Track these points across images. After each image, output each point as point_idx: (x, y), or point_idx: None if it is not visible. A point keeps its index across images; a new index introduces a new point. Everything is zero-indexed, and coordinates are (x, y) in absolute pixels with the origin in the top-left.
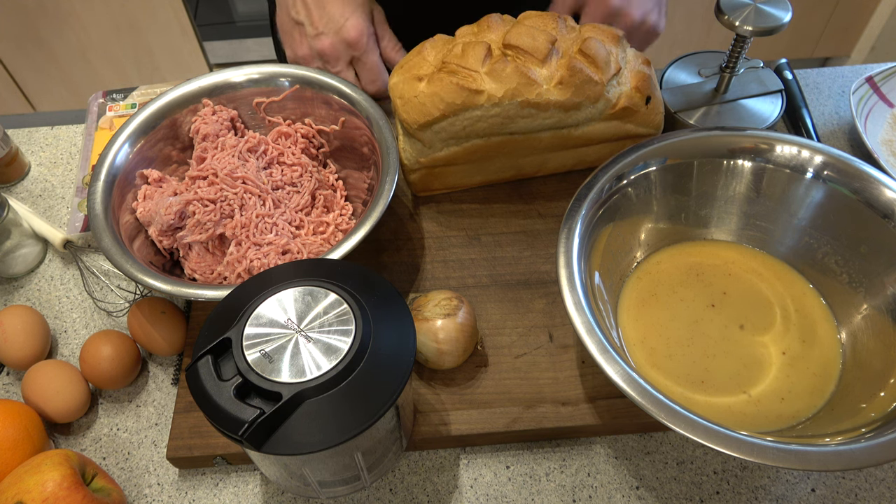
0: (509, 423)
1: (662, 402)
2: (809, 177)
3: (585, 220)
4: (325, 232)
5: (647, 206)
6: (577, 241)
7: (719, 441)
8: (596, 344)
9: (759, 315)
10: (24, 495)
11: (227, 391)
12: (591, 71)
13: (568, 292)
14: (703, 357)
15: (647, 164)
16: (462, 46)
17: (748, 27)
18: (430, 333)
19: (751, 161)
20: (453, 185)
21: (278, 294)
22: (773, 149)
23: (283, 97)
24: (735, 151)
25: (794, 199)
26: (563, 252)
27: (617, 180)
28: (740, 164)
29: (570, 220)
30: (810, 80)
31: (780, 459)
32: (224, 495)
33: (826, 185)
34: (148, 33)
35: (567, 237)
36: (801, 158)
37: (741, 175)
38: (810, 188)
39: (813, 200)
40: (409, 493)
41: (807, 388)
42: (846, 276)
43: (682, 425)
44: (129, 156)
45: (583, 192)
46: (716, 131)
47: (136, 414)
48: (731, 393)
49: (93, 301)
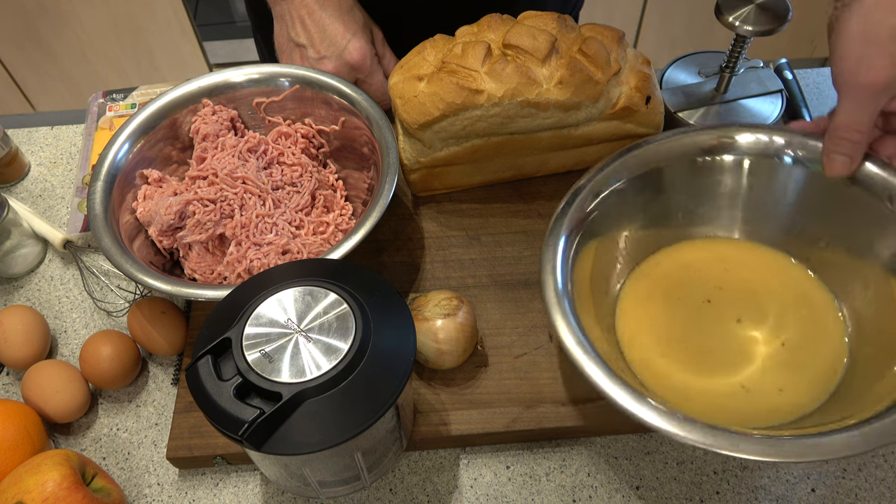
0: (509, 423)
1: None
2: (788, 161)
3: (569, 238)
4: (325, 232)
5: (630, 216)
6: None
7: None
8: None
9: (755, 307)
10: (24, 495)
11: (227, 391)
12: (592, 70)
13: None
14: (700, 353)
15: (621, 177)
16: (462, 46)
17: (748, 27)
18: (430, 333)
19: (724, 155)
20: (453, 185)
21: (278, 294)
22: (735, 140)
23: (283, 97)
24: (705, 150)
25: (777, 186)
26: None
27: (594, 197)
28: (717, 159)
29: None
30: (810, 80)
31: (781, 454)
32: (224, 495)
33: (805, 168)
34: (148, 33)
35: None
36: (766, 144)
37: (719, 170)
38: (791, 172)
39: (796, 184)
40: (409, 493)
41: (811, 378)
42: (839, 252)
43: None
44: (129, 156)
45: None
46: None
47: (136, 414)
48: (730, 387)
49: (93, 301)
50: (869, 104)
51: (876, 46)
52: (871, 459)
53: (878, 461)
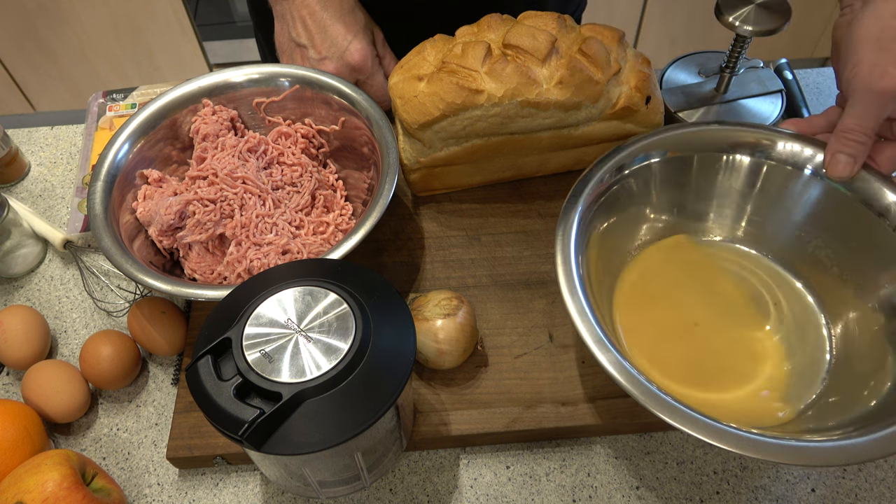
0: (509, 423)
1: (665, 401)
2: (808, 174)
3: (581, 214)
4: (325, 232)
5: (645, 198)
6: (574, 236)
7: (722, 438)
8: (597, 343)
9: (749, 311)
10: (24, 495)
11: (227, 391)
12: (591, 70)
13: (567, 291)
14: (694, 352)
15: (648, 156)
16: (462, 46)
17: (748, 27)
18: (430, 333)
19: (749, 156)
20: (453, 185)
21: (278, 294)
22: (775, 145)
23: (283, 97)
24: (736, 146)
25: (791, 196)
26: (560, 248)
27: (617, 171)
28: (739, 158)
29: (567, 213)
30: (810, 80)
31: (783, 456)
32: (224, 495)
33: (823, 183)
34: (148, 33)
35: (564, 232)
36: (802, 155)
37: (739, 170)
38: (808, 185)
39: (810, 198)
40: (409, 493)
41: (795, 385)
42: (838, 271)
43: (687, 423)
44: (129, 156)
45: (579, 187)
46: (715, 125)
47: (136, 414)
48: (721, 389)
49: (93, 301)
50: (879, 110)
51: (890, 54)
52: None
53: (878, 461)
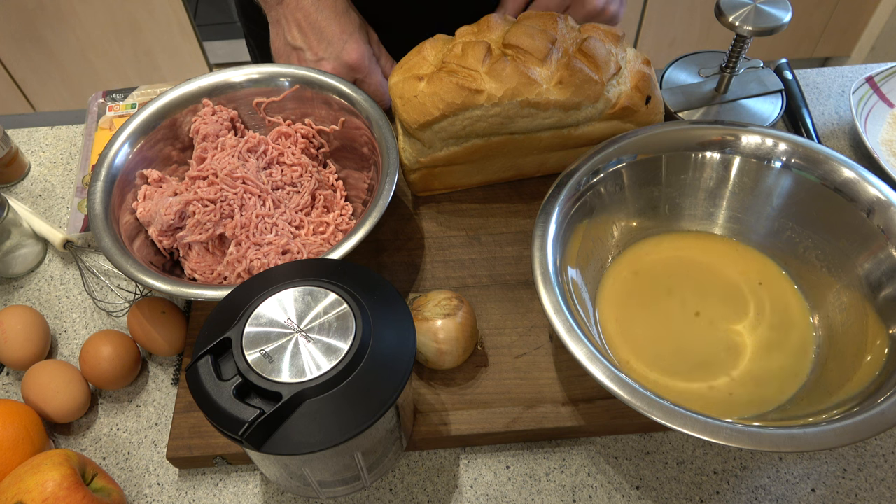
0: (509, 423)
1: (655, 401)
2: (777, 165)
3: (560, 217)
4: (325, 232)
5: (621, 200)
6: (551, 238)
7: (712, 433)
8: (581, 348)
9: (733, 303)
10: (24, 495)
11: (227, 391)
12: (591, 70)
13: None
14: (678, 346)
15: (620, 160)
16: (462, 46)
17: (748, 27)
18: (430, 333)
19: (720, 153)
20: (453, 185)
21: (278, 294)
22: (739, 139)
23: (283, 97)
24: (704, 144)
25: (765, 188)
26: (538, 250)
27: (592, 175)
28: (710, 156)
29: (544, 217)
30: (810, 80)
31: (780, 444)
32: (224, 495)
33: (793, 173)
34: (148, 33)
35: (542, 234)
36: (767, 147)
37: (711, 167)
38: (779, 176)
39: (783, 188)
40: (409, 493)
41: (782, 373)
42: (818, 259)
43: (678, 422)
44: (129, 156)
45: (556, 190)
46: (684, 125)
47: (136, 414)
48: (707, 380)
49: (93, 301)
50: None
51: None
52: (871, 459)
53: (878, 461)
